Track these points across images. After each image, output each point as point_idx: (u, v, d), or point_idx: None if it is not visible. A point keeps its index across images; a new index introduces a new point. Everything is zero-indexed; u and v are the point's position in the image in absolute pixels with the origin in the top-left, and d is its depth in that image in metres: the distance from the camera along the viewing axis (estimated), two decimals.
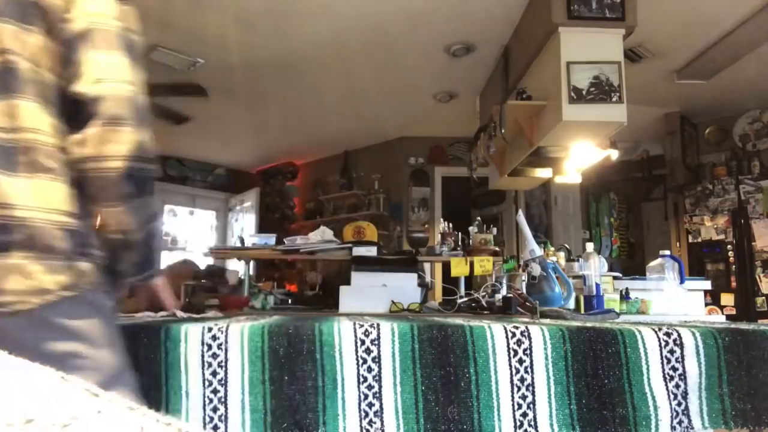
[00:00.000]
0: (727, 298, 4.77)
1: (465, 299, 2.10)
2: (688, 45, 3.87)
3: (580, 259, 2.61)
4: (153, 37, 3.84)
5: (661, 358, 0.95)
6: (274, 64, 4.27)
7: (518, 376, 0.93)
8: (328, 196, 6.67)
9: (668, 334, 0.96)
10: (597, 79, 2.82)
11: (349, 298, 2.18)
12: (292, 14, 3.52)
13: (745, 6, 3.33)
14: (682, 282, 2.29)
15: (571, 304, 2.01)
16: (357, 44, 3.92)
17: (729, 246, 4.85)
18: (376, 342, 0.92)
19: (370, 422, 0.89)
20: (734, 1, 3.30)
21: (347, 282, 2.27)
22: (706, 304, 3.82)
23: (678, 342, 0.96)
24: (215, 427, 0.88)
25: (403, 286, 2.21)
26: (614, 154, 3.90)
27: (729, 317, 4.33)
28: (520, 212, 2.28)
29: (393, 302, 2.09)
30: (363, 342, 0.92)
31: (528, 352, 0.94)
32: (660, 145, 5.60)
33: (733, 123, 5.18)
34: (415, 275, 2.34)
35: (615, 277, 3.04)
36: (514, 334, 0.95)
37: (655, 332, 0.97)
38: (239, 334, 0.91)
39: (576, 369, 0.94)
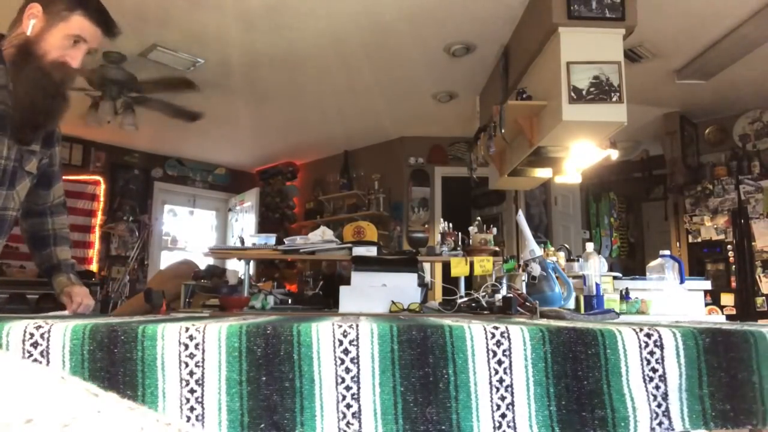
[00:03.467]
0: (727, 298, 4.77)
1: (465, 299, 2.10)
2: (688, 45, 3.87)
3: (580, 259, 2.62)
4: (153, 36, 3.84)
5: (641, 360, 0.95)
6: (274, 64, 4.27)
7: (497, 377, 0.93)
8: (328, 196, 6.67)
9: (649, 335, 0.96)
10: (597, 79, 2.82)
11: (349, 298, 2.18)
12: (292, 14, 3.52)
13: (745, 6, 3.33)
14: (682, 282, 2.29)
15: (571, 304, 2.01)
16: (357, 44, 3.92)
17: (729, 246, 4.85)
18: (355, 343, 0.92)
19: (348, 423, 0.88)
20: (734, 1, 3.30)
21: (341, 282, 2.27)
22: (706, 304, 3.82)
23: (658, 343, 0.96)
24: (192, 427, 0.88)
25: (403, 286, 2.20)
26: (614, 154, 3.91)
27: (729, 317, 4.33)
28: (520, 212, 2.28)
29: (393, 302, 2.09)
30: (341, 342, 0.91)
31: (507, 353, 0.93)
32: (660, 145, 5.60)
33: (733, 123, 5.18)
34: (415, 275, 2.34)
35: (615, 277, 3.04)
36: (493, 335, 0.94)
37: (636, 333, 0.96)
38: (217, 334, 0.91)
39: (556, 370, 0.93)
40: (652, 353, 0.95)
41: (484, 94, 4.63)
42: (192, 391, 0.89)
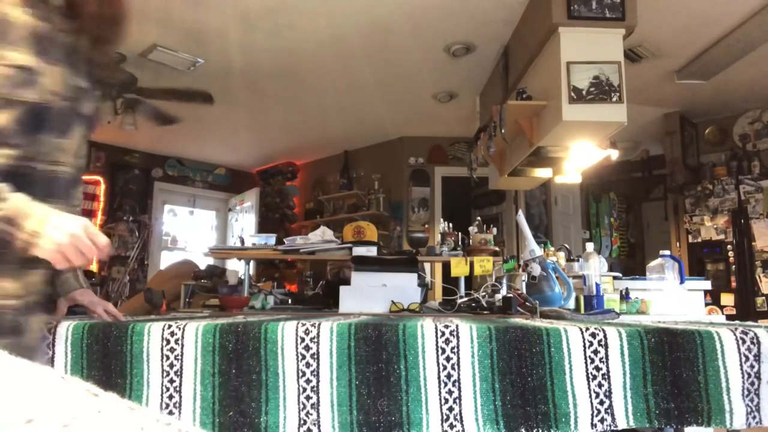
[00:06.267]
0: (727, 298, 4.77)
1: (465, 299, 2.10)
2: (688, 45, 3.87)
3: (580, 259, 2.62)
4: (153, 37, 3.84)
5: (585, 358, 0.98)
6: (274, 64, 4.27)
7: (445, 372, 0.98)
8: (328, 196, 6.67)
9: (594, 335, 0.99)
10: (597, 79, 2.82)
11: (349, 298, 2.18)
12: (292, 14, 3.52)
13: (745, 6, 3.33)
14: (682, 282, 2.29)
15: (571, 304, 2.01)
16: (357, 44, 3.92)
17: (729, 246, 4.85)
18: (316, 340, 1.00)
19: (308, 413, 0.97)
20: (734, 1, 3.29)
21: (342, 283, 2.27)
22: (706, 304, 3.82)
23: (603, 342, 0.99)
24: (170, 413, 0.97)
25: (403, 286, 2.20)
26: (614, 154, 3.91)
27: (729, 317, 4.33)
28: (520, 212, 2.28)
29: (393, 302, 2.09)
30: (303, 339, 1.00)
31: (455, 350, 0.99)
32: (660, 145, 5.60)
33: (733, 123, 5.18)
34: (415, 275, 2.33)
35: (615, 277, 3.04)
36: (443, 333, 1.00)
37: (581, 332, 0.99)
38: (194, 331, 1.02)
39: (501, 367, 0.98)
40: (596, 352, 0.99)
41: (484, 94, 4.63)
42: (171, 381, 1.00)
